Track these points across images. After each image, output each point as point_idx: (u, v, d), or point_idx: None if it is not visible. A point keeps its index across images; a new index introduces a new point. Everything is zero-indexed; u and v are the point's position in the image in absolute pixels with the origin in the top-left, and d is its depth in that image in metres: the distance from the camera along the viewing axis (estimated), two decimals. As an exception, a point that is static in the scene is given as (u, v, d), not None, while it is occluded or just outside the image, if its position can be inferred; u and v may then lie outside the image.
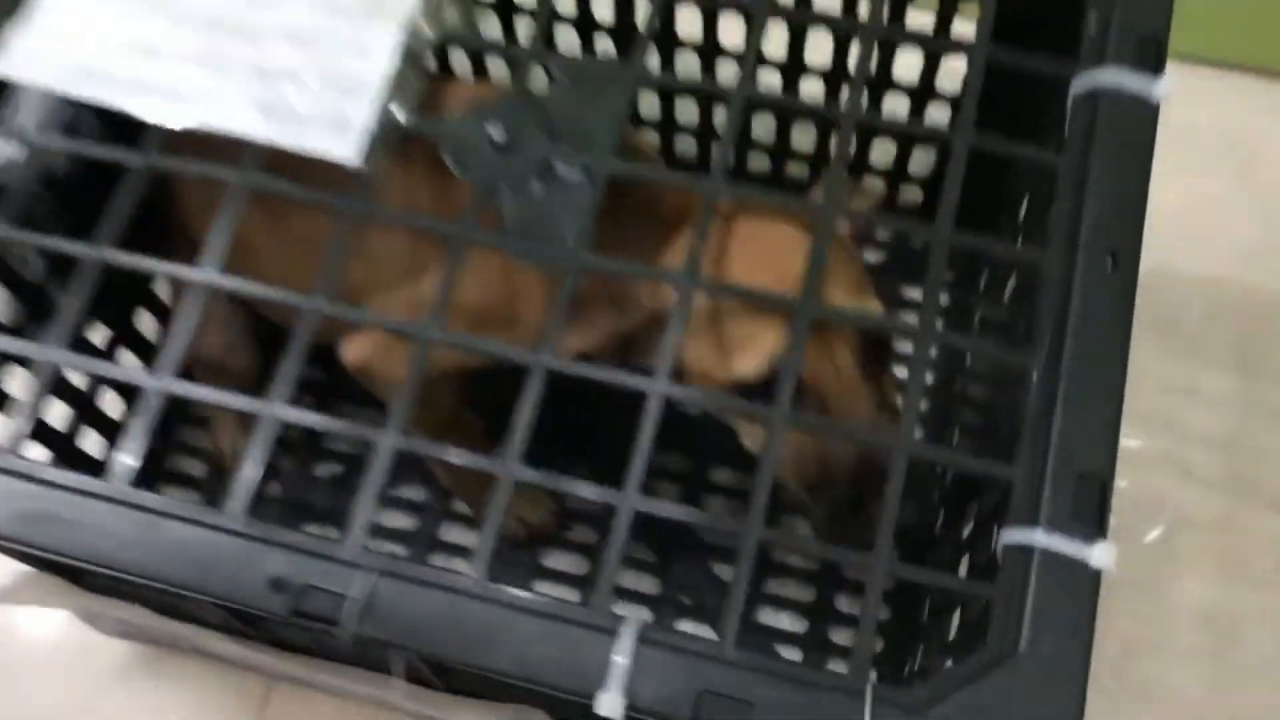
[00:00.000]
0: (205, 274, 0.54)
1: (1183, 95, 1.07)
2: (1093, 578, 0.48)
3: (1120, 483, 0.86)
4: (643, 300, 0.65)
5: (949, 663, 0.58)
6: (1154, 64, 0.58)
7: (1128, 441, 0.92)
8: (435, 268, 0.67)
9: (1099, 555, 0.48)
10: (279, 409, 0.51)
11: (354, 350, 0.73)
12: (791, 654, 0.86)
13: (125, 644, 0.88)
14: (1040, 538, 0.48)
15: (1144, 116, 0.56)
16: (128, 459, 0.50)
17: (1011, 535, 0.49)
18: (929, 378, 0.92)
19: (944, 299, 0.94)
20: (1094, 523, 0.49)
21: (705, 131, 0.95)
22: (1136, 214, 0.55)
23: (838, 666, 0.85)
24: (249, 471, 0.50)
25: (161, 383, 0.51)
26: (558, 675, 0.46)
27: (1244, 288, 0.96)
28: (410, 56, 0.59)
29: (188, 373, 0.59)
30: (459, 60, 0.98)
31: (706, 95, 0.93)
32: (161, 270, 0.55)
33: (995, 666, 0.46)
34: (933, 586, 0.61)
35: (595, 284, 0.65)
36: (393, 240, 0.71)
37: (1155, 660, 0.85)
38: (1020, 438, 0.51)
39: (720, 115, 0.92)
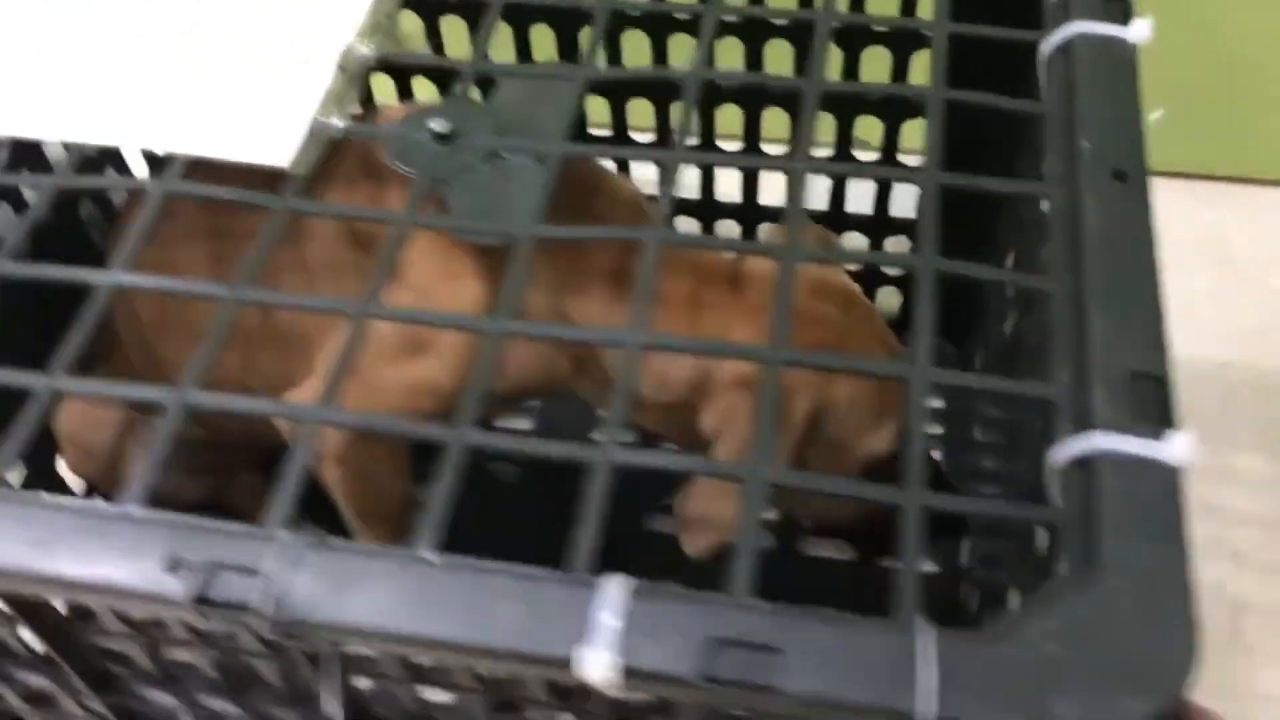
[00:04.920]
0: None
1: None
2: (1172, 475, 0.39)
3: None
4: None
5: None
6: (1122, 14, 0.55)
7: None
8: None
9: (1175, 449, 0.39)
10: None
11: (330, 464, 0.64)
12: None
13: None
14: (1100, 441, 0.40)
15: (1124, 56, 0.53)
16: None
17: (1064, 449, 0.41)
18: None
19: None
20: (1159, 418, 0.41)
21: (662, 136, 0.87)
22: (1135, 134, 0.50)
23: None
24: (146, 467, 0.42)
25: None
26: (534, 641, 0.37)
27: (1255, 368, 0.90)
28: (348, 72, 0.56)
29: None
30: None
31: (662, 84, 0.82)
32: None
33: (1079, 587, 0.37)
34: (980, 518, 0.61)
35: None
36: (331, 261, 0.64)
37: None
38: (1048, 353, 0.44)
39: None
